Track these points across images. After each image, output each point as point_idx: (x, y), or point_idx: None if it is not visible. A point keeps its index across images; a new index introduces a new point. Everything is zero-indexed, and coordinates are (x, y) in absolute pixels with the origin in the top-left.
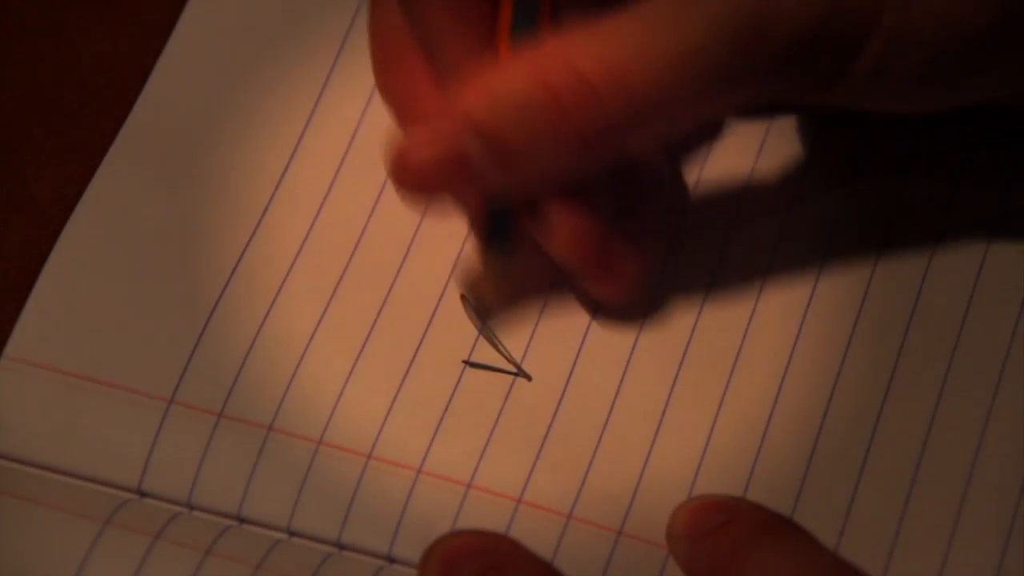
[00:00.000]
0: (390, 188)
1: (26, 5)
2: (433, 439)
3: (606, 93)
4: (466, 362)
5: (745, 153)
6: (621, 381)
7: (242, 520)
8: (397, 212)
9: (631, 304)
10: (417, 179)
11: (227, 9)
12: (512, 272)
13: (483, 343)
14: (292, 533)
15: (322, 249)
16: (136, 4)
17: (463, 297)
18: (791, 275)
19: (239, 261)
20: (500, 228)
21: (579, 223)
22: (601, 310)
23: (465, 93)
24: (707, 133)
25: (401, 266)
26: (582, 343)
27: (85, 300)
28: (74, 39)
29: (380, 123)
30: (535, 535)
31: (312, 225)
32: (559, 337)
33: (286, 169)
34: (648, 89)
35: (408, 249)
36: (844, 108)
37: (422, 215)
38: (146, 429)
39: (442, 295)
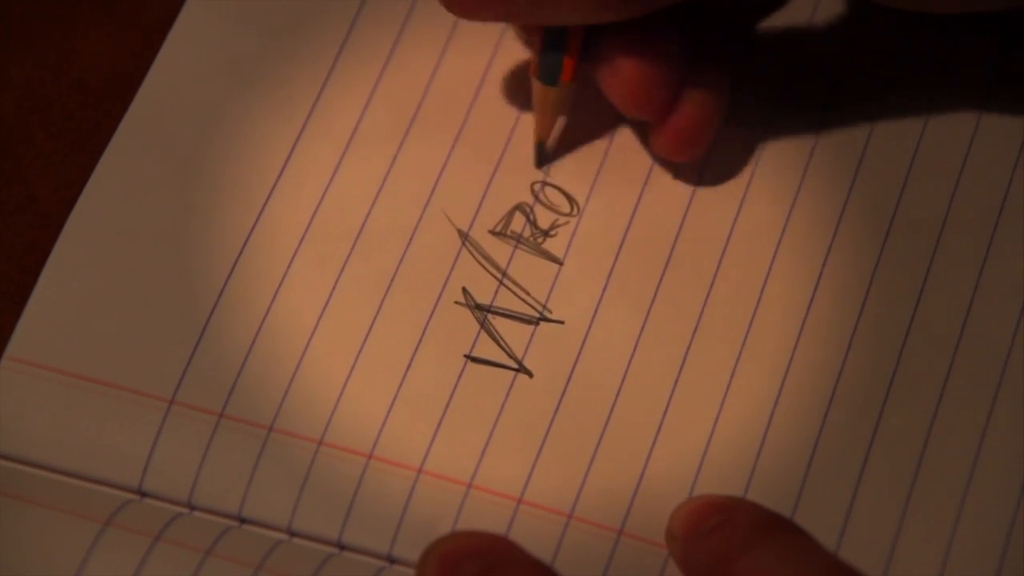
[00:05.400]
0: (390, 185)
1: (26, 6)
2: (434, 438)
3: None
4: (468, 356)
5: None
6: (623, 379)
7: (243, 520)
8: (397, 208)
9: (690, 161)
10: None
11: (226, 7)
12: (563, 109)
13: (484, 340)
14: (293, 533)
15: (322, 247)
16: (136, 4)
17: (464, 291)
18: (791, 274)
19: (238, 261)
20: (552, 59)
21: (646, 71)
22: (680, 172)
23: None
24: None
25: (401, 262)
26: (584, 340)
27: (85, 300)
28: (74, 39)
29: (381, 119)
30: (535, 535)
31: (311, 224)
32: (561, 334)
33: (284, 168)
34: None
35: (408, 245)
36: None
37: (422, 209)
38: (147, 429)
39: (442, 291)
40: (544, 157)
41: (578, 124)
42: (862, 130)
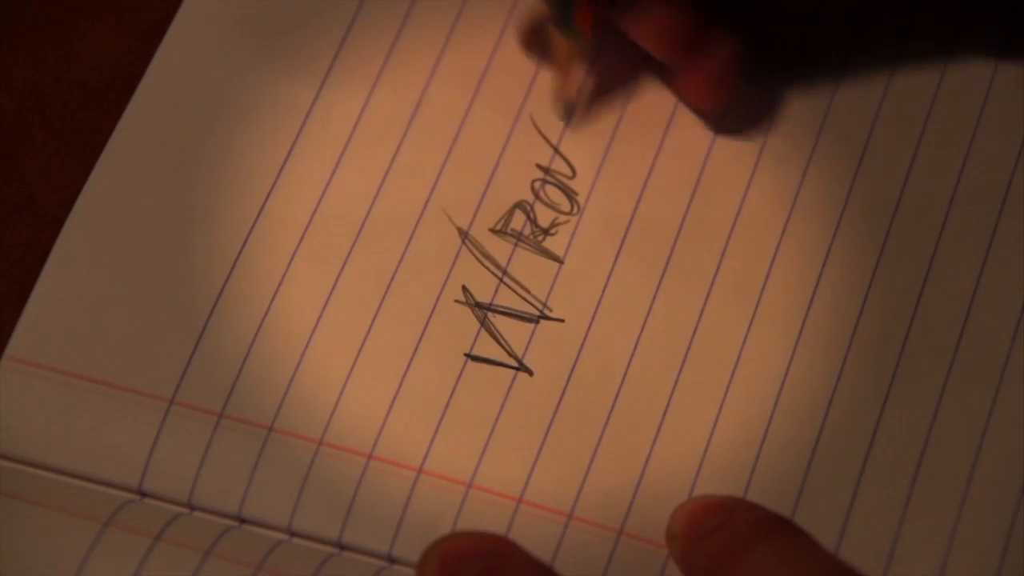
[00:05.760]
0: (389, 184)
1: (26, 6)
2: (434, 438)
3: None
4: (468, 355)
5: None
6: (623, 379)
7: (243, 520)
8: (397, 207)
9: (717, 106)
10: None
11: (225, 5)
12: (579, 56)
13: (485, 338)
14: (293, 534)
15: (321, 246)
16: (136, 4)
17: (464, 290)
18: (792, 274)
19: (238, 260)
20: (563, 5)
21: (669, 16)
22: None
23: None
24: None
25: (401, 260)
26: (584, 339)
27: (85, 300)
28: (74, 39)
29: (381, 117)
30: (535, 535)
31: (310, 223)
32: (561, 333)
33: (284, 167)
34: None
35: (408, 243)
36: None
37: (422, 208)
38: (147, 429)
39: (443, 289)
40: (568, 111)
41: (578, 123)
42: (866, 119)
